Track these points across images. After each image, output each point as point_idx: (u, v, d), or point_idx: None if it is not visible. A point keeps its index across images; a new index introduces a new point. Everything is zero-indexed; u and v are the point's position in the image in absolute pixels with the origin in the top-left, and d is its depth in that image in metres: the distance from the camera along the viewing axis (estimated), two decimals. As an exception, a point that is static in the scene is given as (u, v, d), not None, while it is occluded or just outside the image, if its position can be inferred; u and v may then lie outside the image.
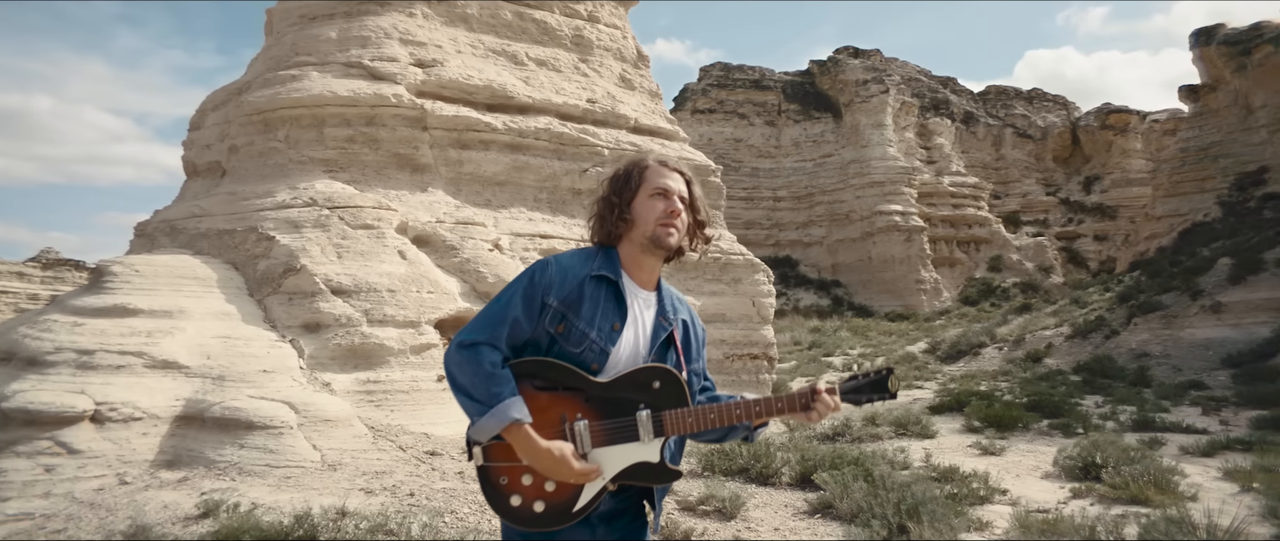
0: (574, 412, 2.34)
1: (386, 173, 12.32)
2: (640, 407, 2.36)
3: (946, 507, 6.96)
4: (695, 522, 6.87)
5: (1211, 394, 17.95)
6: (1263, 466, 9.53)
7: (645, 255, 2.53)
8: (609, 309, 2.45)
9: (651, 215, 2.50)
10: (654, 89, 16.36)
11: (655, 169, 2.59)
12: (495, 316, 2.36)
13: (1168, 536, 5.83)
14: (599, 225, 2.60)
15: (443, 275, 11.17)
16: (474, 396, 2.28)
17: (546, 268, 2.45)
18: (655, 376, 2.39)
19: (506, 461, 2.30)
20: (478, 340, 2.32)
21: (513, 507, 2.30)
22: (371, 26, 12.88)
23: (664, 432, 2.37)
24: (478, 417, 2.26)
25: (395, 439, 8.43)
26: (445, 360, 2.37)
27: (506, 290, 2.42)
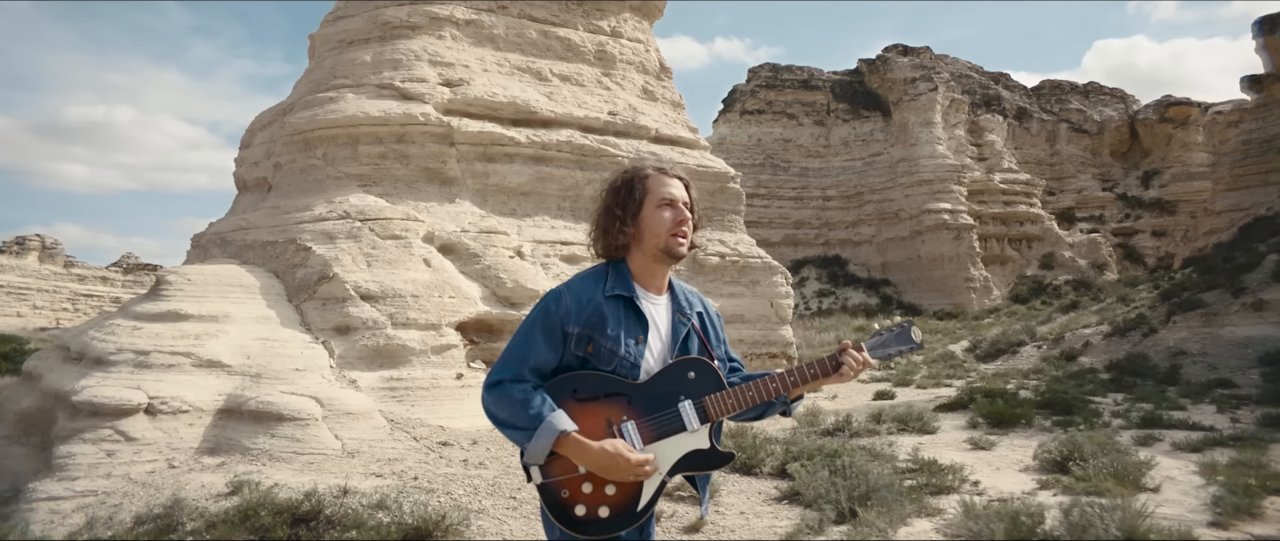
0: (619, 415, 2.45)
1: (417, 186, 13.30)
2: (681, 399, 2.48)
3: (902, 495, 7.61)
4: (668, 505, 7.64)
5: (1237, 392, 18.03)
6: (1239, 461, 9.91)
7: (656, 264, 2.62)
8: (630, 324, 2.55)
9: (662, 227, 2.58)
10: (676, 99, 17.11)
11: (657, 178, 2.68)
12: (517, 353, 2.46)
13: (1083, 522, 6.39)
14: (604, 238, 2.66)
15: (465, 281, 12.10)
16: (516, 426, 2.36)
17: (560, 298, 2.53)
18: (689, 368, 2.53)
19: (564, 474, 2.38)
20: (502, 378, 2.42)
21: (579, 518, 2.39)
22: (403, 49, 13.89)
23: (708, 418, 2.51)
24: (526, 443, 2.34)
25: (411, 431, 9.35)
26: (483, 403, 2.48)
27: (525, 325, 2.53)
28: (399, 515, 6.21)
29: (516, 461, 8.68)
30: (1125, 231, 58.24)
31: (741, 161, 56.25)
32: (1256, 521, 7.31)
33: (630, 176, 2.70)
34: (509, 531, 6.63)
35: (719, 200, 16.21)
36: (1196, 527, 7.08)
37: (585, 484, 2.37)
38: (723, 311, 15.15)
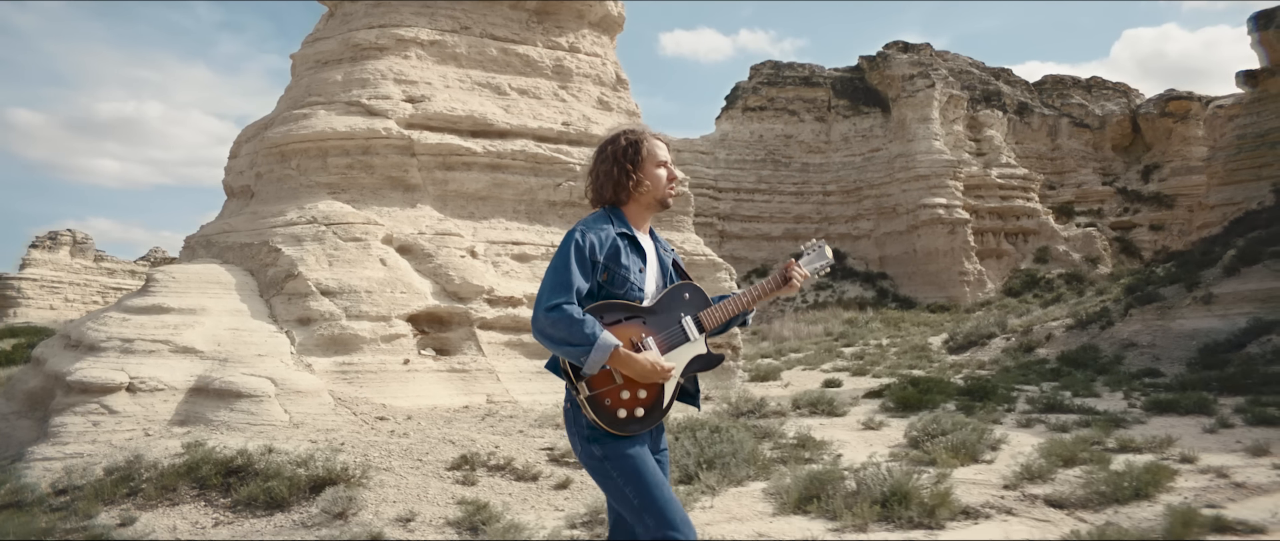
0: (641, 334, 3.10)
1: (381, 192, 14.88)
2: (683, 316, 3.20)
3: (748, 462, 9.09)
4: (553, 468, 9.15)
5: (1157, 380, 19.23)
6: (1081, 438, 11.23)
7: (647, 211, 3.34)
8: (635, 256, 3.21)
9: (659, 182, 3.31)
10: (631, 109, 18.57)
11: (652, 142, 3.35)
12: (564, 281, 3.01)
13: (867, 480, 7.79)
14: (608, 189, 3.31)
15: (418, 278, 13.67)
16: (573, 342, 2.92)
17: (584, 235, 3.13)
18: (685, 290, 3.25)
19: (605, 387, 3.02)
20: (559, 301, 2.97)
21: (621, 419, 3.04)
22: (371, 69, 15.46)
23: (704, 328, 3.23)
24: (583, 357, 2.90)
25: (354, 407, 10.94)
26: (536, 325, 3.02)
27: (560, 261, 3.08)
28: (313, 468, 7.77)
29: (434, 432, 10.24)
30: (1123, 225, 58.95)
31: (744, 157, 57.60)
32: (1042, 483, 8.67)
33: (636, 138, 3.33)
34: (404, 484, 8.17)
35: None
36: (987, 489, 8.50)
37: (623, 391, 3.02)
38: (667, 305, 16.70)
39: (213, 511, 7.29)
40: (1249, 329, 22.64)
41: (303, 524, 6.97)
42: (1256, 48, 50.23)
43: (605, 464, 3.07)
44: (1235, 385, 16.53)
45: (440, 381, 12.94)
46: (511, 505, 7.73)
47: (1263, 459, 9.82)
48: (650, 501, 3.02)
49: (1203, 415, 13.63)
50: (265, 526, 6.95)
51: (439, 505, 7.60)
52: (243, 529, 6.87)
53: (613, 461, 3.05)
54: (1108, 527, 6.68)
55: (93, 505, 7.11)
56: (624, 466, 3.05)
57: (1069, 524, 7.12)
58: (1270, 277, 24.99)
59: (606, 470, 3.07)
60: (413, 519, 7.21)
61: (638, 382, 3.05)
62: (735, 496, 8.11)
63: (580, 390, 3.03)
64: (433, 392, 12.54)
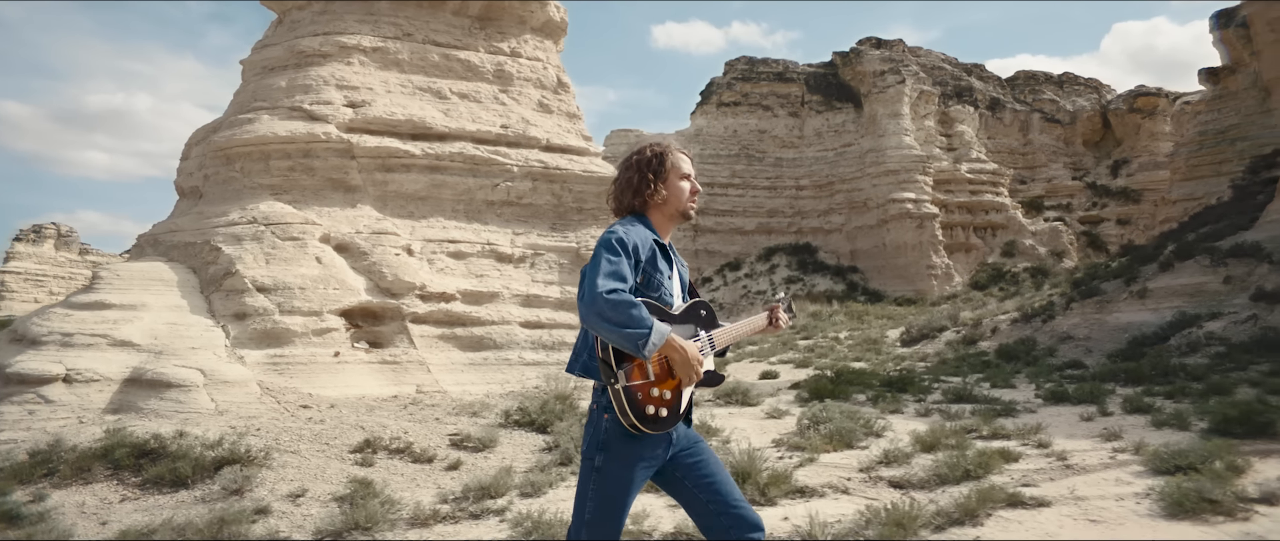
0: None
1: (322, 193, 15.67)
2: (699, 331, 3.31)
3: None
4: (451, 452, 9.98)
5: (1078, 373, 20.12)
6: (961, 426, 12.07)
7: (670, 222, 3.43)
8: (664, 262, 3.31)
9: (682, 195, 3.40)
10: (572, 111, 19.37)
11: (676, 155, 3.45)
12: (618, 270, 3.05)
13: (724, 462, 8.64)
14: (632, 196, 3.39)
15: (353, 275, 14.48)
16: (633, 326, 2.91)
17: (628, 236, 3.18)
18: (701, 307, 3.38)
19: (640, 381, 3.08)
20: (617, 287, 2.99)
21: (649, 416, 3.08)
22: (314, 76, 16.23)
23: (715, 347, 3.35)
24: (643, 341, 2.90)
25: (279, 396, 11.75)
26: (593, 306, 2.97)
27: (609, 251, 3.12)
28: (220, 451, 8.58)
29: (350, 419, 11.05)
30: (1092, 219, 59.96)
31: (718, 152, 58.39)
32: (896, 467, 9.51)
33: (661, 151, 3.43)
34: (306, 465, 8.99)
35: (604, 201, 18.47)
36: (841, 472, 9.36)
37: (653, 389, 3.09)
38: (602, 300, 17.53)
39: (122, 489, 8.10)
40: (1174, 322, 23.54)
41: (202, 499, 7.79)
42: (1218, 46, 51.27)
43: (595, 475, 3.16)
44: (1139, 376, 17.41)
45: (371, 372, 13.75)
46: (397, 484, 8.56)
47: (1110, 443, 10.66)
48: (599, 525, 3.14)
49: (1091, 404, 14.49)
50: (167, 502, 7.77)
51: (331, 483, 8.42)
52: (146, 504, 7.69)
53: (601, 476, 3.15)
54: (914, 504, 7.53)
55: (9, 484, 7.91)
56: (607, 487, 3.14)
57: (891, 499, 7.97)
58: (1200, 273, 25.90)
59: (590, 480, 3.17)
60: (303, 494, 8.03)
61: (663, 383, 3.13)
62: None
63: (618, 379, 3.07)
64: (362, 383, 13.35)
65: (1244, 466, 8.62)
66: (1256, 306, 22.22)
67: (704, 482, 3.33)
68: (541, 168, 17.72)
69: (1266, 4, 27.07)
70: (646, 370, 3.09)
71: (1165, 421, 12.11)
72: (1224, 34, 50.26)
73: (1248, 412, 11.10)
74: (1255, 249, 25.07)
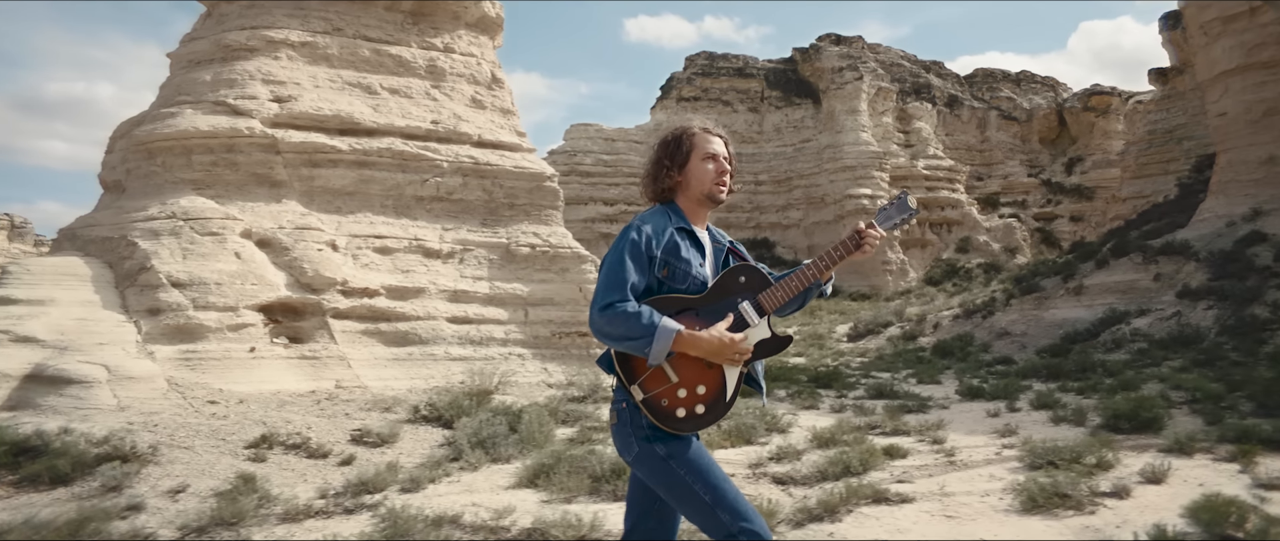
0: (693, 326, 2.90)
1: (246, 188, 15.62)
2: (739, 301, 3.00)
3: (524, 441, 10.07)
4: (348, 447, 10.07)
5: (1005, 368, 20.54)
6: (867, 423, 12.34)
7: (699, 207, 3.19)
8: (694, 250, 3.09)
9: (707, 177, 3.15)
10: (506, 107, 19.42)
11: (702, 136, 3.22)
12: (617, 278, 2.89)
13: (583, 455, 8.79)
14: (652, 185, 3.21)
15: (274, 270, 14.46)
16: (633, 336, 2.79)
17: (641, 230, 3.01)
18: (739, 274, 3.07)
19: (660, 386, 2.87)
20: (612, 300, 2.85)
21: (680, 419, 2.87)
22: (239, 70, 16.16)
23: (764, 311, 3.01)
24: (647, 348, 2.76)
25: (187, 392, 11.75)
26: (594, 326, 2.87)
27: (614, 258, 2.96)
28: (105, 447, 8.60)
29: (255, 415, 11.09)
30: (1046, 216, 60.88)
31: (677, 147, 58.50)
32: (786, 463, 9.70)
33: (679, 133, 3.24)
34: (195, 461, 9.04)
35: (536, 197, 18.58)
36: (730, 467, 9.54)
37: (680, 390, 2.87)
38: (533, 296, 17.61)
39: (-2, 486, 8.11)
40: (1104, 319, 24.11)
41: (77, 497, 7.81)
42: (1167, 46, 52.18)
43: (670, 462, 2.91)
44: (1058, 373, 17.82)
45: (289, 368, 13.76)
46: (285, 479, 8.63)
47: (1002, 440, 10.96)
48: (722, 496, 2.91)
49: (1003, 400, 14.82)
50: (41, 500, 7.79)
51: (216, 479, 8.47)
52: (16, 502, 7.69)
53: (678, 459, 2.91)
54: (779, 501, 7.72)
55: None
56: (692, 463, 2.91)
57: (766, 495, 8.16)
58: (1133, 270, 26.52)
59: (671, 469, 2.91)
60: (183, 490, 8.08)
61: (696, 378, 2.92)
62: (487, 473, 9.08)
63: (634, 394, 2.90)
64: (279, 378, 13.36)
65: (1113, 461, 8.92)
66: (1181, 303, 22.79)
67: None
68: (472, 163, 17.77)
69: (1200, 7, 27.65)
70: (665, 373, 2.89)
71: (1064, 418, 12.46)
72: (1172, 35, 51.20)
73: (1136, 409, 11.47)
74: (1185, 247, 25.69)
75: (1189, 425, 11.32)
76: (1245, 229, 24.80)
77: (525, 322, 17.64)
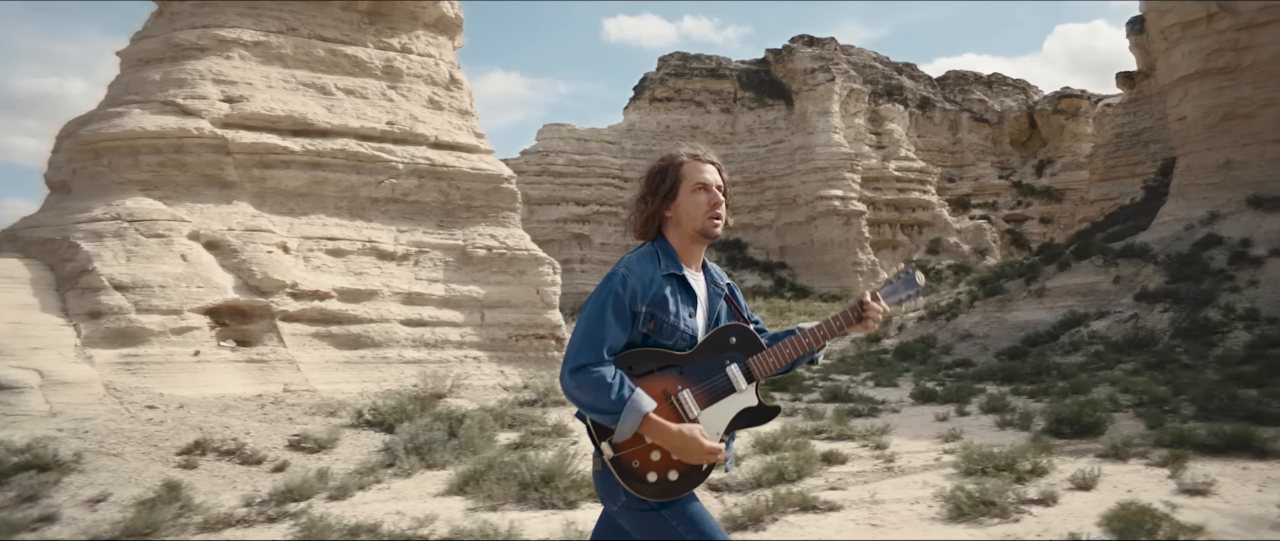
0: (675, 386, 2.67)
1: (195, 190, 15.42)
2: (728, 363, 2.73)
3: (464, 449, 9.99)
4: (284, 453, 9.95)
5: (965, 370, 20.66)
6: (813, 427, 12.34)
7: (692, 244, 2.84)
8: (685, 299, 2.78)
9: (698, 210, 2.79)
10: (464, 108, 19.30)
11: (691, 165, 2.83)
12: (594, 336, 2.63)
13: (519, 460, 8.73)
14: (639, 223, 2.88)
15: (221, 273, 14.29)
16: (602, 409, 2.57)
17: (626, 281, 2.70)
18: (730, 334, 2.79)
19: (633, 447, 2.61)
20: (585, 362, 2.60)
21: (651, 483, 2.62)
22: (189, 69, 15.95)
23: (754, 378, 2.74)
24: (614, 424, 2.54)
25: (126, 397, 11.57)
26: (563, 386, 2.66)
27: (594, 311, 2.68)
28: (26, 455, 8.44)
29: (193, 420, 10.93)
30: (1016, 218, 61.36)
31: (650, 147, 58.50)
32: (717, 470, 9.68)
33: (665, 163, 2.86)
34: (123, 468, 8.88)
35: (494, 199, 18.48)
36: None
37: (653, 452, 2.61)
38: (489, 298, 17.51)
39: (-89, 497, 7.93)
40: (1064, 321, 24.31)
41: (-8, 507, 7.66)
42: (1134, 51, 52.66)
43: (662, 512, 2.69)
44: (1012, 375, 17.93)
45: (236, 371, 13.60)
46: (214, 486, 8.52)
47: (945, 444, 10.98)
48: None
49: (955, 404, 14.88)
50: (-45, 510, 7.63)
51: (141, 487, 8.32)
52: (-75, 513, 7.53)
53: (671, 509, 2.69)
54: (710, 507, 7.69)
55: None
56: (685, 513, 2.71)
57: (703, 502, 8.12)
58: (1094, 273, 26.76)
59: (663, 519, 2.69)
60: (104, 499, 7.94)
61: None
62: (420, 479, 9.00)
63: (604, 452, 2.66)
64: (225, 382, 13.20)
65: (1048, 467, 8.95)
66: (1138, 306, 23.00)
67: None
68: (428, 165, 17.65)
69: (1160, 13, 27.93)
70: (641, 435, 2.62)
71: (1011, 422, 12.51)
72: (1138, 39, 51.71)
73: (1079, 414, 11.54)
74: (1144, 250, 25.94)
75: (1131, 429, 11.40)
76: (1202, 232, 25.07)
77: (481, 325, 17.54)
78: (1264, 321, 18.87)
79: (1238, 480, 8.39)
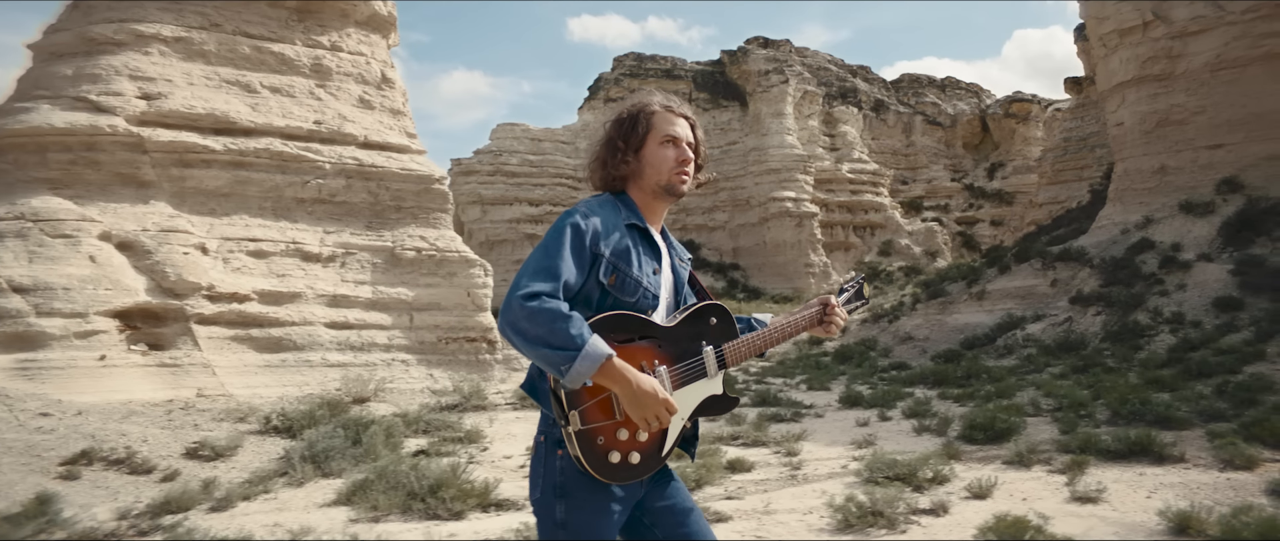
0: (652, 360, 2.41)
1: (110, 189, 15.00)
2: (705, 345, 2.49)
3: (366, 457, 9.77)
4: (178, 462, 9.66)
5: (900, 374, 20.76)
6: (730, 433, 12.28)
7: (656, 201, 2.60)
8: (648, 254, 2.52)
9: (665, 164, 2.54)
10: (396, 108, 19.01)
11: (663, 114, 2.59)
12: (550, 266, 2.31)
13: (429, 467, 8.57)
14: (601, 169, 2.61)
15: (133, 275, 13.91)
16: (553, 344, 2.21)
17: (587, 218, 2.42)
18: (711, 313, 2.55)
19: (601, 421, 2.34)
20: (540, 290, 2.26)
21: (613, 464, 2.35)
22: (104, 65, 15.52)
23: (726, 365, 2.52)
24: (566, 365, 2.20)
25: (16, 403, 11.18)
26: (506, 316, 2.26)
27: (551, 240, 2.38)
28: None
29: (88, 428, 10.59)
30: (968, 220, 62.01)
31: (605, 147, 58.36)
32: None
33: (636, 110, 2.63)
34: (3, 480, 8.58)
35: (424, 200, 18.22)
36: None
37: (620, 431, 2.36)
38: (419, 300, 17.24)
39: None
40: (1002, 323, 24.50)
41: None
42: (1081, 56, 53.47)
43: (557, 528, 2.43)
44: (942, 379, 18.02)
45: (146, 376, 13.25)
46: (92, 498, 8.23)
47: (857, 451, 10.96)
48: None
49: (880, 408, 14.90)
50: None
51: (9, 500, 8.02)
52: None
53: (565, 528, 2.42)
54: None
55: None
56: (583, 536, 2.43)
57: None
58: (1032, 275, 27.03)
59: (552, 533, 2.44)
60: (-33, 515, 7.62)
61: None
62: (311, 489, 8.78)
63: (571, 422, 2.34)
64: (133, 387, 12.84)
65: (949, 475, 8.93)
66: (1073, 309, 23.26)
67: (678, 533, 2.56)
68: (357, 165, 17.36)
69: (1099, 20, 28.30)
70: (612, 405, 2.36)
71: (928, 428, 12.53)
72: (1084, 45, 52.55)
73: (992, 420, 11.57)
74: (1080, 254, 26.25)
75: (1044, 434, 11.46)
76: (1137, 236, 25.42)
77: (410, 328, 17.28)
78: (1188, 325, 19.15)
79: (1131, 487, 8.42)
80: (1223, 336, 17.50)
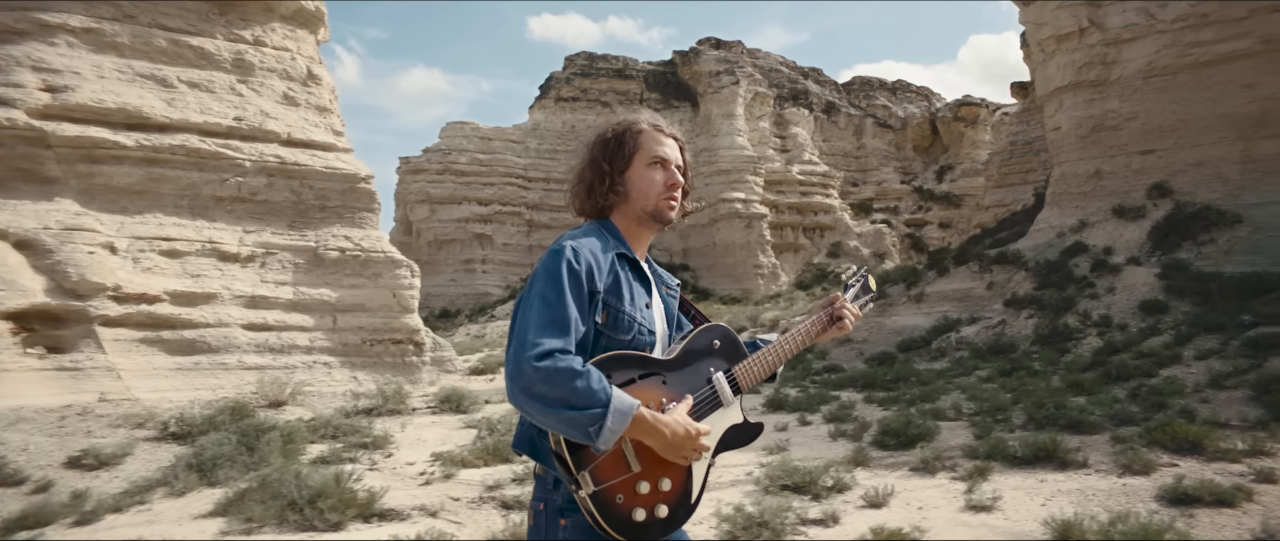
0: (660, 398, 2.19)
1: (9, 185, 14.45)
2: (712, 371, 2.30)
3: (260, 465, 9.44)
4: (56, 472, 9.27)
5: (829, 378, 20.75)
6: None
7: (641, 228, 2.41)
8: (638, 287, 2.34)
9: (652, 188, 2.37)
10: (323, 105, 18.59)
11: (650, 134, 2.44)
12: (559, 318, 2.09)
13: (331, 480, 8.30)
14: (587, 196, 2.42)
15: (31, 274, 13.39)
16: (578, 405, 1.99)
17: (578, 255, 2.19)
18: (713, 336, 2.36)
19: (616, 477, 2.09)
20: (553, 348, 2.04)
21: (639, 523, 2.10)
22: (4, 55, 14.96)
23: (740, 389, 2.34)
24: (596, 428, 1.98)
25: (-104, 410, 10.69)
26: (518, 381, 2.02)
27: (550, 287, 2.14)
28: None
29: (-37, 436, 10.14)
30: (917, 222, 62.65)
31: (555, 147, 58.06)
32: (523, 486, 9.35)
33: (622, 130, 2.45)
34: None
35: (350, 199, 17.83)
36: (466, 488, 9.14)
37: (640, 483, 2.12)
38: (342, 301, 16.85)
39: None
40: (938, 326, 24.64)
41: None
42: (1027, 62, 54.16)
43: None
44: (871, 382, 18.02)
45: (41, 381, 12.76)
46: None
47: (763, 458, 10.81)
48: None
49: (803, 412, 14.82)
50: None
51: None
52: None
53: None
54: (474, 528, 7.34)
55: None
56: None
57: (481, 521, 7.78)
58: (969, 278, 27.24)
59: None
60: None
61: (660, 468, 2.14)
62: (191, 499, 8.44)
63: (583, 484, 2.07)
64: (27, 392, 12.36)
65: (850, 483, 8.83)
66: (1007, 312, 23.46)
67: None
68: (279, 163, 16.93)
69: (1037, 25, 28.64)
70: (624, 459, 2.10)
71: (844, 433, 12.45)
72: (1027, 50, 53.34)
73: (905, 425, 11.53)
74: (1016, 256, 26.50)
75: (959, 439, 11.42)
76: (1071, 239, 25.73)
77: (334, 329, 16.90)
78: (1114, 328, 19.37)
79: (1029, 494, 8.39)
80: (1145, 339, 17.71)
